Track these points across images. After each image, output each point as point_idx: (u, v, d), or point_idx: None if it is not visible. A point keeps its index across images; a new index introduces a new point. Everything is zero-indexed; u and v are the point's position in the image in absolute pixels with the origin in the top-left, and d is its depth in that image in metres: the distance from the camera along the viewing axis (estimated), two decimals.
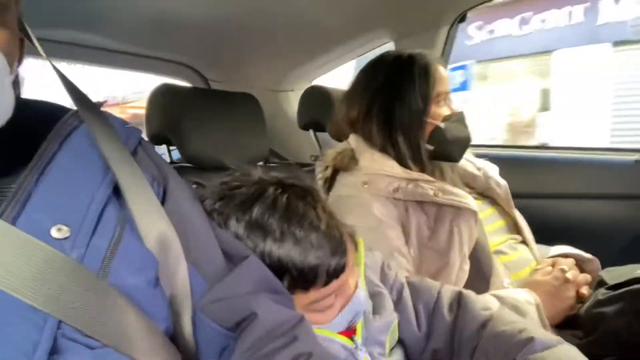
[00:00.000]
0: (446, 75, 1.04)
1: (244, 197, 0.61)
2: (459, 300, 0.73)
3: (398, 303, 0.74)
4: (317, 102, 1.40)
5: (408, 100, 0.99)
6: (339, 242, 0.59)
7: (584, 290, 0.92)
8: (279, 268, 0.57)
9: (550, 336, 0.62)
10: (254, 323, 0.49)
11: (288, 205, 0.59)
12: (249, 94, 1.19)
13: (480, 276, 0.95)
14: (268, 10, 1.37)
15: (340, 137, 1.15)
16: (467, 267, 0.94)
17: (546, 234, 1.14)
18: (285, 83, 1.86)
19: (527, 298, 0.87)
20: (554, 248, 1.06)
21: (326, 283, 0.59)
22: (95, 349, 0.40)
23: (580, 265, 1.00)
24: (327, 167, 1.08)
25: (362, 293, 0.65)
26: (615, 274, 0.90)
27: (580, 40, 5.56)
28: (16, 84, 0.54)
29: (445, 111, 1.02)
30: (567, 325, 0.89)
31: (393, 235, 0.93)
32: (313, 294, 0.59)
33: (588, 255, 1.01)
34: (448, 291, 0.76)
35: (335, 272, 0.59)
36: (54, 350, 0.38)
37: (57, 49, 1.39)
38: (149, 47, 1.59)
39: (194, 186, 0.65)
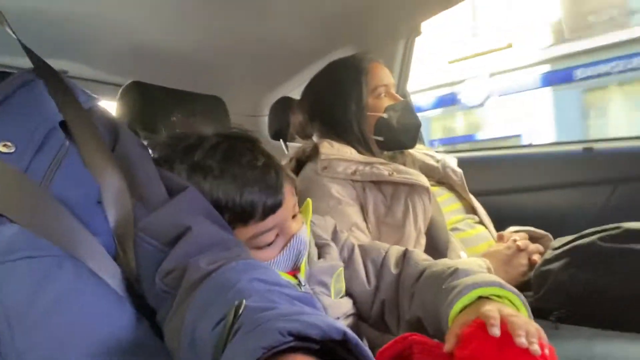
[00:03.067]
0: (384, 71, 1.12)
1: (188, 144, 0.66)
2: (404, 256, 0.76)
3: (349, 261, 0.77)
4: (284, 113, 1.48)
5: (343, 99, 1.07)
6: (274, 180, 0.64)
7: (536, 257, 0.95)
8: (219, 205, 0.61)
9: (477, 269, 0.65)
10: (188, 235, 0.52)
11: (228, 149, 0.65)
12: (217, 96, 1.26)
13: (437, 250, 0.98)
14: (241, 36, 1.48)
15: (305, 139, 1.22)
16: (423, 241, 0.98)
17: (504, 226, 1.18)
18: (263, 108, 1.94)
19: (478, 263, 0.89)
20: (510, 228, 1.09)
21: (263, 217, 0.63)
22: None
23: (534, 241, 1.04)
24: (291, 160, 1.14)
25: (304, 235, 0.68)
26: (565, 240, 0.93)
27: None
28: None
29: (387, 102, 1.08)
30: (521, 290, 0.91)
31: (351, 212, 0.97)
32: (252, 228, 0.63)
33: (541, 231, 1.05)
34: (395, 249, 0.79)
35: (272, 208, 0.63)
36: None
37: None
38: (128, 77, 1.68)
39: (145, 141, 0.70)
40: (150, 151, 0.67)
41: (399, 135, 1.08)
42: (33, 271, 0.40)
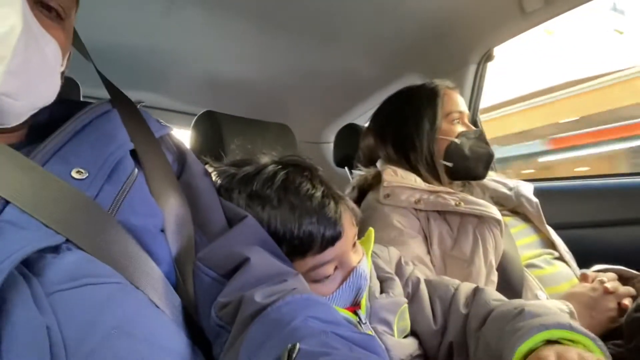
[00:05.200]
0: (460, 99, 1.09)
1: (246, 173, 0.66)
2: (474, 294, 0.71)
3: (414, 296, 0.73)
4: (349, 140, 1.47)
5: (417, 118, 1.05)
6: (334, 211, 0.62)
7: (627, 301, 0.85)
8: (277, 235, 0.60)
9: (552, 311, 0.58)
10: (245, 267, 0.52)
11: (286, 178, 0.64)
12: (284, 124, 1.29)
13: (510, 289, 0.90)
14: (307, 66, 1.51)
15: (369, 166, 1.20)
16: (495, 278, 0.91)
17: (588, 263, 1.07)
18: (328, 135, 1.96)
19: (558, 305, 0.81)
20: (595, 266, 0.99)
21: (322, 249, 0.61)
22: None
23: (625, 282, 0.92)
24: (353, 188, 1.12)
25: (365, 268, 0.65)
26: None
27: None
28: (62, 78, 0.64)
29: (459, 129, 1.04)
30: (610, 338, 0.81)
31: (414, 244, 0.93)
32: (310, 260, 0.61)
33: (632, 271, 0.94)
34: (466, 287, 0.74)
35: (331, 240, 0.61)
36: (54, 250, 0.43)
37: None
38: (202, 106, 1.77)
39: (207, 166, 0.72)
40: (213, 179, 0.69)
41: (469, 163, 1.03)
42: (95, 297, 0.40)
